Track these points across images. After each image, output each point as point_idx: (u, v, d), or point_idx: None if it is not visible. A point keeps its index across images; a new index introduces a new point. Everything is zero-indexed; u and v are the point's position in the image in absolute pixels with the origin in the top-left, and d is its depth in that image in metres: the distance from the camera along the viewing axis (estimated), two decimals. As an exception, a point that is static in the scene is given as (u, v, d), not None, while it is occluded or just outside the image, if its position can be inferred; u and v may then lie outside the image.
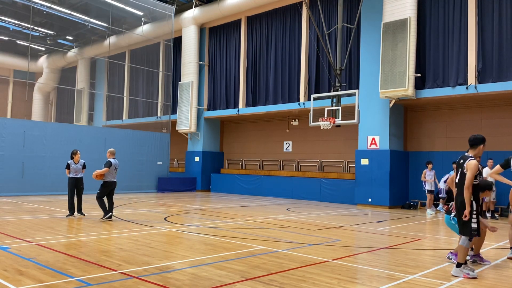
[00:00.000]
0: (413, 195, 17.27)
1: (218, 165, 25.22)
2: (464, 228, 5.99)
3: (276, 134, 23.14)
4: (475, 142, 6.18)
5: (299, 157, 22.10)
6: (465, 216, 5.89)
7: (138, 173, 22.29)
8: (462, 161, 6.20)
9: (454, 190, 7.59)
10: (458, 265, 5.98)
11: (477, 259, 6.93)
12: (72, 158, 11.70)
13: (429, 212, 14.74)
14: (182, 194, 21.66)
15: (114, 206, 11.75)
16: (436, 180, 15.27)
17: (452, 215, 6.71)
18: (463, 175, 6.08)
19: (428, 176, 15.19)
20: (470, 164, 5.97)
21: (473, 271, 5.94)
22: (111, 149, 11.59)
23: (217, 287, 5.20)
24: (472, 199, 5.95)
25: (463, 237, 5.99)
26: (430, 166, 15.25)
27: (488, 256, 7.32)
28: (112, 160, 11.17)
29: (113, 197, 11.51)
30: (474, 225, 5.92)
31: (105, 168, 11.03)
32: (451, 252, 7.10)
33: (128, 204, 15.79)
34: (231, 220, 11.87)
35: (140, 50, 28.57)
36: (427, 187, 15.18)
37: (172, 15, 24.19)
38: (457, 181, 6.23)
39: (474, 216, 5.92)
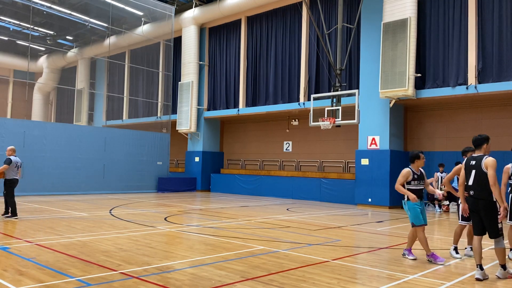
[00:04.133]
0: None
1: (218, 165, 25.21)
2: (495, 230, 5.82)
3: (276, 134, 23.14)
4: (478, 142, 6.11)
5: (299, 157, 22.10)
6: (501, 215, 5.78)
7: (138, 173, 22.28)
8: (474, 162, 6.01)
9: (453, 191, 7.67)
10: (504, 267, 5.89)
11: (406, 252, 7.24)
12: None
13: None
14: (182, 194, 21.66)
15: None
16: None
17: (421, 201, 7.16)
18: (481, 175, 5.89)
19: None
20: (490, 161, 5.85)
21: None
22: (11, 146, 11.26)
23: (217, 287, 5.20)
24: (495, 200, 5.84)
25: (496, 240, 5.83)
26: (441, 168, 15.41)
27: (488, 256, 7.31)
28: (12, 157, 10.82)
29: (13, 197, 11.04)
30: (500, 225, 5.86)
31: (4, 165, 10.65)
32: (405, 249, 7.28)
33: (128, 204, 15.79)
34: (231, 220, 11.87)
35: (140, 50, 28.57)
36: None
37: (172, 15, 24.19)
38: (471, 183, 6.01)
39: (499, 216, 5.85)
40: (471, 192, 6.02)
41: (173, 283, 5.31)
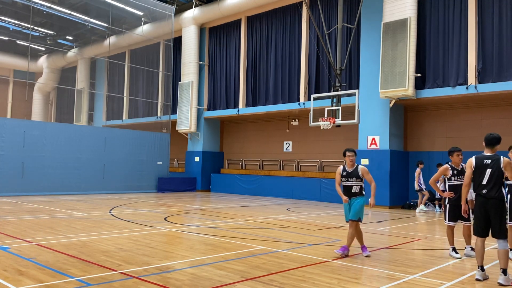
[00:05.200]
0: (413, 195, 17.26)
1: (218, 165, 25.21)
2: (502, 230, 5.70)
3: (276, 134, 23.14)
4: (495, 141, 5.96)
5: (299, 157, 22.10)
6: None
7: (138, 173, 22.28)
8: (490, 161, 5.88)
9: (440, 191, 7.69)
10: (505, 272, 5.62)
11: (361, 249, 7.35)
12: None
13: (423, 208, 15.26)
14: (182, 194, 21.66)
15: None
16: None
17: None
18: (498, 174, 5.79)
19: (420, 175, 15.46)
20: (509, 162, 5.77)
21: None
22: None
23: (217, 287, 5.20)
24: (505, 200, 5.78)
25: (501, 241, 5.68)
26: (421, 166, 15.50)
27: (489, 256, 7.30)
28: None
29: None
30: (506, 226, 5.73)
31: None
32: (361, 247, 7.41)
33: (128, 204, 15.79)
34: (231, 220, 11.87)
35: (140, 50, 28.57)
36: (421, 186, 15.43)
37: (172, 15, 24.19)
38: (485, 182, 5.85)
39: (507, 217, 5.77)
40: (484, 191, 5.86)
41: (173, 283, 5.31)
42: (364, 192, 7.47)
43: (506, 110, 15.60)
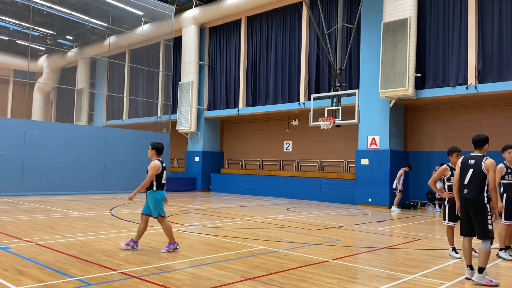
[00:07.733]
0: (413, 195, 17.27)
1: (218, 165, 25.21)
2: (484, 231, 5.64)
3: (276, 134, 23.14)
4: (480, 142, 5.97)
5: (299, 157, 22.09)
6: (494, 217, 5.67)
7: (138, 173, 22.22)
8: (473, 161, 5.87)
9: (440, 192, 7.68)
10: (480, 270, 5.58)
11: (173, 246, 7.23)
12: None
13: (398, 210, 15.39)
14: (182, 194, 21.65)
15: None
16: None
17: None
18: (478, 175, 5.76)
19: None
20: (491, 163, 5.69)
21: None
22: None
23: (217, 287, 5.20)
24: (486, 202, 5.68)
25: (484, 240, 5.64)
26: (406, 169, 15.78)
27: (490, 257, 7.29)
28: None
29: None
30: (490, 227, 5.64)
31: None
32: (132, 240, 7.32)
33: (128, 204, 15.79)
34: (231, 220, 11.87)
35: (140, 50, 28.57)
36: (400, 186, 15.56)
37: (172, 15, 24.19)
38: (466, 182, 5.87)
39: (489, 218, 5.66)
40: (465, 191, 5.88)
41: (173, 283, 5.31)
42: (154, 188, 7.87)
43: (506, 110, 15.60)
